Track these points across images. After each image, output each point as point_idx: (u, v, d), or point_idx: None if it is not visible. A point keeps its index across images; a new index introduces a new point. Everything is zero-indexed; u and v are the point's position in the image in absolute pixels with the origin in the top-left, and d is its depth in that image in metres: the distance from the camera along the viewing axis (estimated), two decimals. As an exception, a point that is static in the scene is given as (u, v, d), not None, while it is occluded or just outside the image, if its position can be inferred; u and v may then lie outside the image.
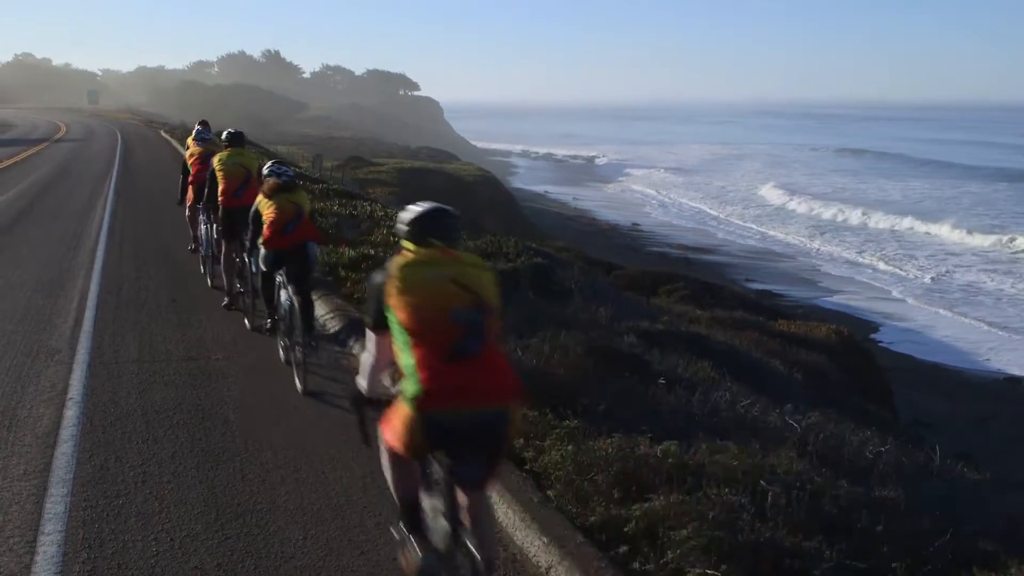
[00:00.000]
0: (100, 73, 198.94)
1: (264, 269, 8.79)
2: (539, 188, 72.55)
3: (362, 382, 4.25)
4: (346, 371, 8.18)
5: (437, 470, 4.21)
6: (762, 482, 5.37)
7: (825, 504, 5.30)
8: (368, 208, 18.51)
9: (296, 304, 8.15)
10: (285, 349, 8.65)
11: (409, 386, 3.83)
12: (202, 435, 6.86)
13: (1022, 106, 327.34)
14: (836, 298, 33.32)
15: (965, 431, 18.34)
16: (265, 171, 8.76)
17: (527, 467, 5.89)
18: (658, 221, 54.70)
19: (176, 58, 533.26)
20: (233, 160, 10.66)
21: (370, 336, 4.15)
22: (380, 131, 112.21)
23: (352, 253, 12.60)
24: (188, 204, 13.10)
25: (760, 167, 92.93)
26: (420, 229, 4.09)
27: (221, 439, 6.79)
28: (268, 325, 9.43)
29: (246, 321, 10.09)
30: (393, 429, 3.95)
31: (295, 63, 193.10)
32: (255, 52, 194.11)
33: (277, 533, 5.39)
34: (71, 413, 7.25)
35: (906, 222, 50.74)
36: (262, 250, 8.53)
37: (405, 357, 3.88)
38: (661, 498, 5.20)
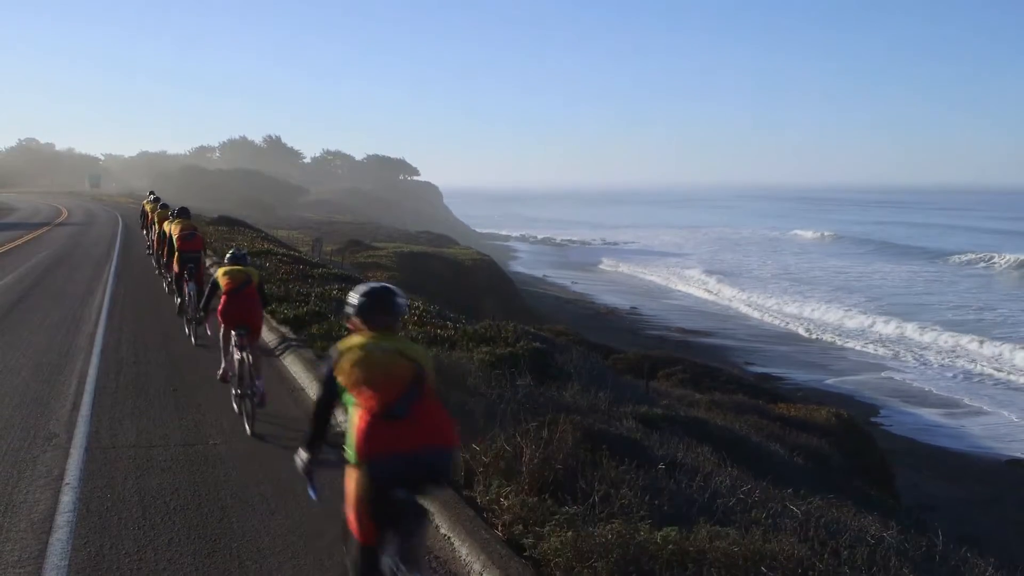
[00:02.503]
0: (103, 157, 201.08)
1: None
2: (538, 272, 72.96)
3: None
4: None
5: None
6: (763, 568, 5.33)
7: (828, 591, 5.24)
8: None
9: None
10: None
11: None
12: (199, 521, 6.80)
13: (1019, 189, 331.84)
14: (836, 381, 33.28)
15: (969, 514, 18.19)
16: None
17: (526, 554, 5.83)
18: (658, 304, 54.84)
19: (178, 143, 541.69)
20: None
21: None
22: (380, 215, 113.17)
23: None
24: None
25: (755, 250, 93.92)
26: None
27: (218, 525, 6.73)
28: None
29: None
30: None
31: (296, 148, 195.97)
32: (256, 137, 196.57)
33: (273, 622, 5.32)
34: (67, 498, 7.20)
35: (899, 308, 51.10)
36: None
37: None
38: (662, 585, 5.14)
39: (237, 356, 9.78)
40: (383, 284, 4.98)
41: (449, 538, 6.08)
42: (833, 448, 16.11)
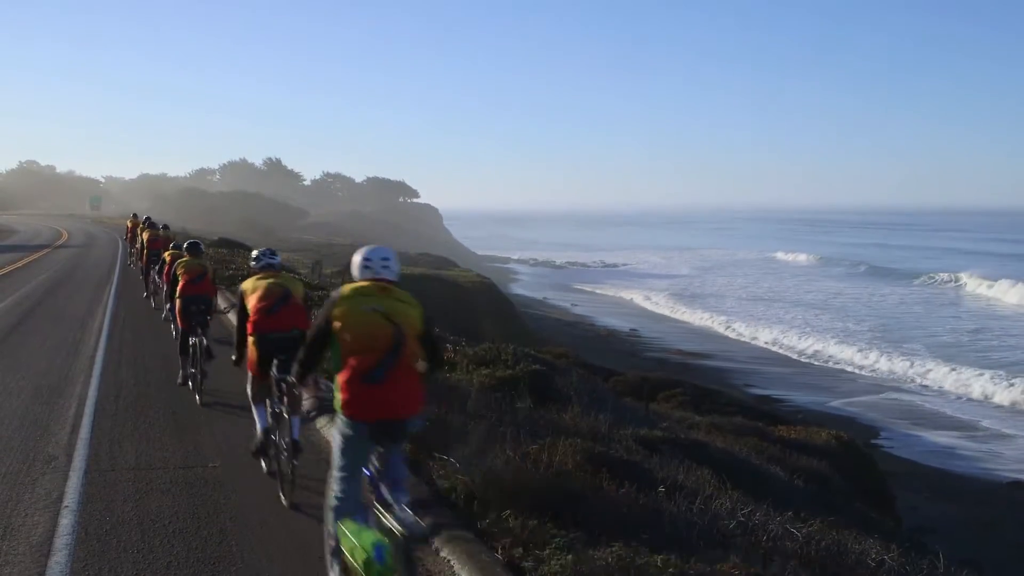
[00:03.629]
0: (103, 180, 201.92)
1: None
2: (539, 295, 72.97)
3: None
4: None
5: None
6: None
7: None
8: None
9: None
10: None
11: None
12: (198, 544, 6.77)
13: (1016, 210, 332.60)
14: (837, 402, 33.21)
15: (969, 537, 18.13)
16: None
17: (527, 576, 5.81)
18: (657, 326, 54.83)
19: (178, 165, 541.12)
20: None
21: None
22: (380, 238, 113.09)
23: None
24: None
25: (753, 272, 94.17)
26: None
27: (217, 548, 6.70)
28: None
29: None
30: None
31: (296, 170, 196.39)
32: (256, 160, 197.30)
33: (273, 646, 5.29)
34: (66, 521, 7.18)
35: (896, 329, 51.21)
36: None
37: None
38: (662, 608, 5.13)
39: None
40: (194, 239, 13.87)
41: (449, 561, 6.05)
42: (833, 470, 16.08)
